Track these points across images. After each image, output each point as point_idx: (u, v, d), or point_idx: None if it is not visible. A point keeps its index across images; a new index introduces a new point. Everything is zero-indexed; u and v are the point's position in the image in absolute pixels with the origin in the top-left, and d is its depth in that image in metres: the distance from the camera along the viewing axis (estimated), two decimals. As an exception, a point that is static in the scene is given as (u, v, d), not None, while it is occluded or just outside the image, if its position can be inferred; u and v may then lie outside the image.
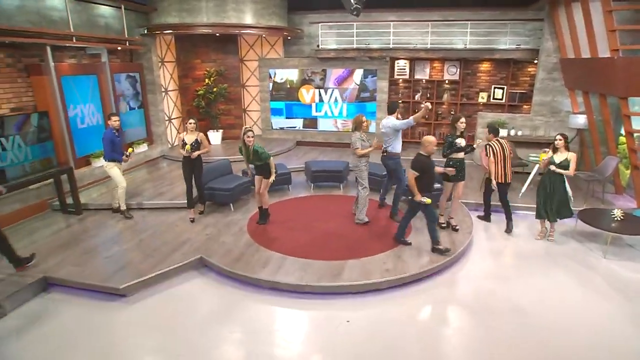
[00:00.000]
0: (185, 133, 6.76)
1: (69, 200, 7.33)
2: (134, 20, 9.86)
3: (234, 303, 4.96)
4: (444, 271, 5.54)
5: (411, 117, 6.35)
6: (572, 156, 6.01)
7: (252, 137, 6.16)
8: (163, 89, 11.00)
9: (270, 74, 12.00)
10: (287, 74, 11.86)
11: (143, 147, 10.10)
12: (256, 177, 6.58)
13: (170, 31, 9.98)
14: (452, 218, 6.46)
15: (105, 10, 8.96)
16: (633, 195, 7.65)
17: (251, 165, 6.49)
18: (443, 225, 6.41)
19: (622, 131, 8.90)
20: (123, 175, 7.18)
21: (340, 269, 5.30)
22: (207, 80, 11.28)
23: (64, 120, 7.86)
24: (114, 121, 6.85)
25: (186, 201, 7.03)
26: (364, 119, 6.45)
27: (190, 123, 6.75)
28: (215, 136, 11.72)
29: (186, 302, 5.02)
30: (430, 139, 5.39)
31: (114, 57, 9.49)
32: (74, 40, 7.83)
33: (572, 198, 7.63)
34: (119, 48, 9.20)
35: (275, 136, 12.38)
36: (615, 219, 6.03)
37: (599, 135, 8.37)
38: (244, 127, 6.24)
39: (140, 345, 4.25)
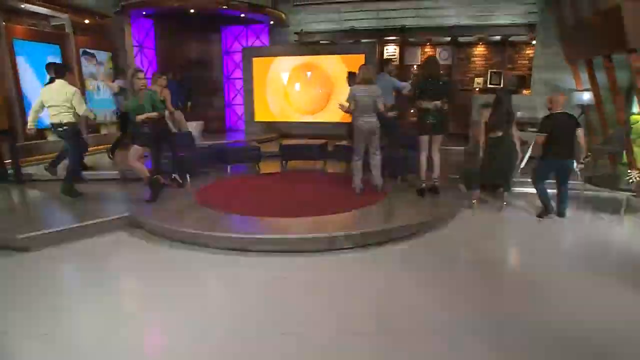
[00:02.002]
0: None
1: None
2: (111, -1, 9.44)
3: (155, 260, 4.05)
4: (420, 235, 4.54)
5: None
6: None
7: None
8: (140, 75, 10.44)
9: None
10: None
11: (112, 129, 9.43)
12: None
13: (144, 12, 9.49)
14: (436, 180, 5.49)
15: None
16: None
17: None
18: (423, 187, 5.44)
19: (634, 109, 8.04)
20: None
21: (287, 226, 4.37)
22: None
23: (14, 86, 7.24)
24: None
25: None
26: None
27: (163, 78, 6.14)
28: (196, 127, 11.03)
29: (101, 260, 4.11)
30: None
31: (84, 33, 8.97)
32: None
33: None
34: (87, 21, 8.70)
35: (258, 128, 11.61)
36: (631, 180, 5.02)
37: (605, 114, 7.48)
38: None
39: (35, 302, 3.30)
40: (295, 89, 11.09)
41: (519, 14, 8.94)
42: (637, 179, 5.01)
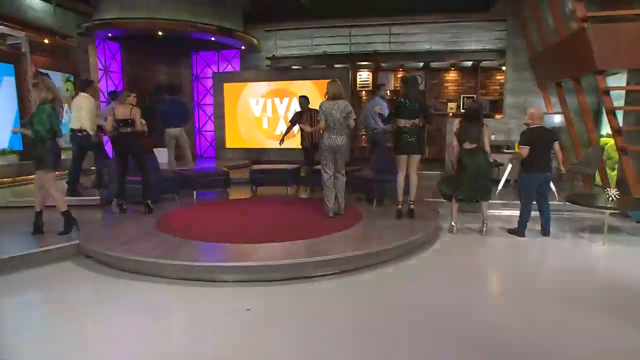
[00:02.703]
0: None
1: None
2: (73, 20, 9.07)
3: (103, 293, 3.58)
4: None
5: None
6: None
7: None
8: (105, 99, 10.00)
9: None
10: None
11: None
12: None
13: (110, 34, 9.16)
14: (412, 203, 5.20)
15: (36, 2, 8.17)
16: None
17: None
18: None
19: (603, 132, 8.14)
20: None
21: (253, 253, 3.93)
22: (153, 92, 10.36)
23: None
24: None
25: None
26: None
27: (132, 97, 5.62)
28: (163, 153, 10.55)
29: (40, 292, 3.62)
30: None
31: (43, 53, 8.52)
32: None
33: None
34: (46, 41, 8.27)
35: (229, 155, 11.23)
36: (611, 198, 4.88)
37: (578, 136, 7.53)
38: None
39: None
40: (267, 114, 10.86)
41: (489, 40, 9.11)
42: (617, 197, 4.89)
